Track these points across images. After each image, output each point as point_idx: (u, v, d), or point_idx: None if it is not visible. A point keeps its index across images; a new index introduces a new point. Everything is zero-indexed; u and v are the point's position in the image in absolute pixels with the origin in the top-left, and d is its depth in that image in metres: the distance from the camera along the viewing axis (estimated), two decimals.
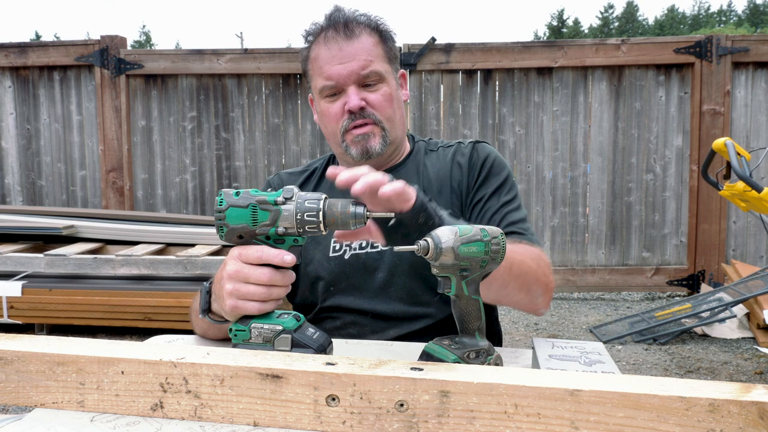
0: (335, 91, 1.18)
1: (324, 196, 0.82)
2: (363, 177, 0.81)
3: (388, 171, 1.25)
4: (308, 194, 0.82)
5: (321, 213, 0.80)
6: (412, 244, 0.78)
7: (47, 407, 0.72)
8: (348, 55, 1.16)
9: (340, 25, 1.18)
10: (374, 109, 1.18)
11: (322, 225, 0.81)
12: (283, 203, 0.83)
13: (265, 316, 0.86)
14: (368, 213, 0.80)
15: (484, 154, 1.25)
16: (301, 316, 0.87)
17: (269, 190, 1.29)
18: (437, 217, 0.87)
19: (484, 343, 0.81)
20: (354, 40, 1.17)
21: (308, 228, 0.82)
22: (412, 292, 1.18)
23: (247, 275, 0.83)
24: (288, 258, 0.82)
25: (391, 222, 0.86)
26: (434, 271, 0.78)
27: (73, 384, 0.71)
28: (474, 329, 0.81)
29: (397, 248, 0.81)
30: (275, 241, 0.84)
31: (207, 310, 0.95)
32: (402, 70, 1.29)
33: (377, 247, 1.19)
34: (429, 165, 1.27)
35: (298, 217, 0.81)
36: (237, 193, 0.84)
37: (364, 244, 1.21)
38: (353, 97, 1.16)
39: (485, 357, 0.80)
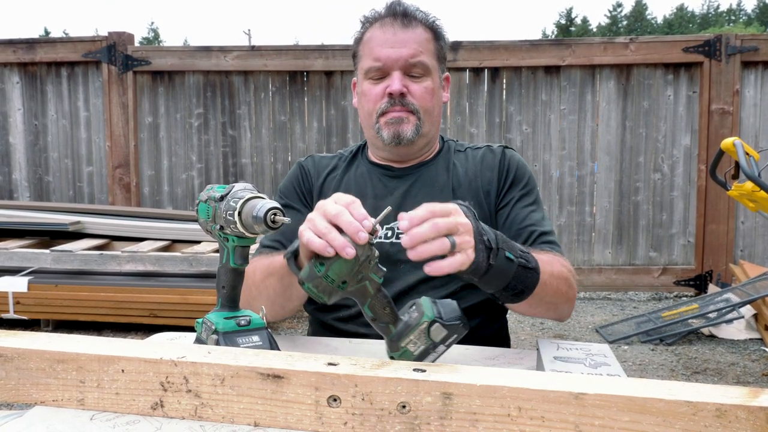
0: (381, 75, 1.21)
1: (251, 196, 0.79)
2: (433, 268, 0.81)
3: (419, 166, 1.28)
4: (245, 193, 0.79)
5: (237, 213, 0.78)
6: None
7: (47, 405, 0.72)
8: (400, 41, 1.19)
9: (398, 13, 1.22)
10: (414, 98, 1.20)
11: (240, 225, 0.78)
12: (220, 200, 0.81)
13: (221, 311, 0.85)
14: (274, 217, 0.77)
15: (514, 161, 1.28)
16: (257, 321, 0.84)
17: (300, 171, 1.31)
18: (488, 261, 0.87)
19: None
20: (409, 29, 1.21)
21: (233, 228, 0.79)
22: (437, 282, 1.18)
23: (310, 219, 0.79)
24: (362, 235, 0.75)
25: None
26: None
27: (73, 382, 0.71)
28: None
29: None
30: (223, 238, 0.83)
31: (295, 254, 0.87)
32: (447, 74, 1.31)
33: (402, 237, 1.19)
34: (458, 164, 1.29)
35: (224, 215, 0.80)
36: (219, 188, 0.84)
37: (389, 234, 1.21)
38: (396, 81, 1.19)
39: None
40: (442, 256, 0.81)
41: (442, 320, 0.80)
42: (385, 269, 0.81)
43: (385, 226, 1.22)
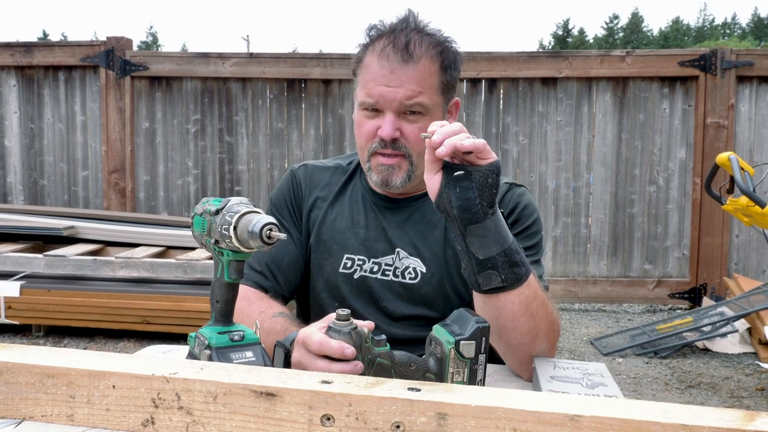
0: (374, 109, 1.11)
1: (246, 211, 0.78)
2: (447, 140, 0.87)
3: (415, 199, 1.21)
4: (241, 207, 0.79)
5: (232, 228, 0.77)
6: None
7: (36, 420, 0.71)
8: (397, 79, 1.08)
9: (400, 44, 1.08)
10: (408, 142, 1.11)
11: (235, 240, 0.78)
12: (215, 214, 0.81)
13: (215, 326, 0.84)
14: (269, 233, 0.76)
15: (522, 201, 1.18)
16: (251, 337, 0.83)
17: (292, 182, 1.27)
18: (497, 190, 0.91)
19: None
20: (410, 65, 1.08)
21: (228, 242, 0.79)
22: (418, 319, 1.17)
23: (306, 368, 0.81)
24: (348, 351, 0.78)
25: (460, 172, 0.88)
26: None
27: (63, 397, 0.70)
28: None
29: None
30: (218, 252, 0.83)
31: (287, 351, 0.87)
32: (456, 99, 1.20)
33: (388, 275, 1.18)
34: None
35: (219, 230, 0.79)
36: (214, 201, 0.84)
37: (375, 269, 1.18)
38: (387, 126, 1.09)
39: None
40: (454, 168, 0.90)
41: (463, 336, 0.80)
42: (383, 336, 0.81)
43: (371, 259, 1.18)
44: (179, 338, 3.38)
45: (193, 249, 3.94)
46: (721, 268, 4.58)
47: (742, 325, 3.68)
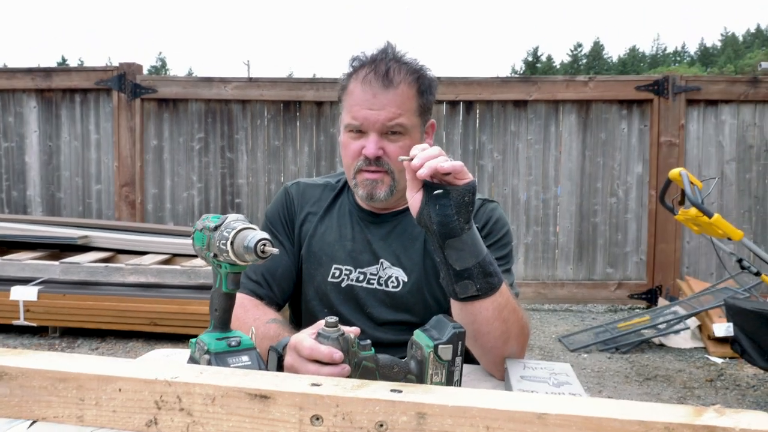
0: (359, 130, 1.11)
1: (242, 227, 0.77)
2: (427, 163, 0.87)
3: (397, 214, 1.20)
4: (238, 224, 0.78)
5: (230, 243, 0.77)
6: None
7: (48, 421, 0.69)
8: (379, 103, 1.08)
9: (381, 71, 1.09)
10: (389, 159, 1.11)
11: (232, 254, 0.77)
12: (214, 230, 0.80)
13: (213, 332, 0.82)
14: (263, 248, 0.75)
15: (494, 216, 1.17)
16: (247, 342, 0.82)
17: (286, 198, 1.25)
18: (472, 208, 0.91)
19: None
20: (390, 90, 1.08)
21: (225, 256, 0.78)
22: (400, 324, 1.16)
23: (298, 371, 0.80)
24: (336, 356, 0.77)
25: (439, 191, 0.88)
26: None
27: (74, 399, 0.68)
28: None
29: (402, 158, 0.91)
30: (216, 265, 0.81)
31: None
32: (432, 120, 1.20)
33: (373, 283, 1.17)
34: None
35: (217, 244, 0.78)
36: (213, 218, 0.82)
37: (361, 278, 1.17)
38: (371, 146, 1.09)
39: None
40: (433, 188, 0.90)
41: (441, 341, 0.79)
42: (368, 341, 0.81)
43: (357, 269, 1.17)
44: (184, 339, 3.34)
45: (197, 257, 3.90)
46: (674, 272, 4.63)
47: (693, 322, 3.71)
